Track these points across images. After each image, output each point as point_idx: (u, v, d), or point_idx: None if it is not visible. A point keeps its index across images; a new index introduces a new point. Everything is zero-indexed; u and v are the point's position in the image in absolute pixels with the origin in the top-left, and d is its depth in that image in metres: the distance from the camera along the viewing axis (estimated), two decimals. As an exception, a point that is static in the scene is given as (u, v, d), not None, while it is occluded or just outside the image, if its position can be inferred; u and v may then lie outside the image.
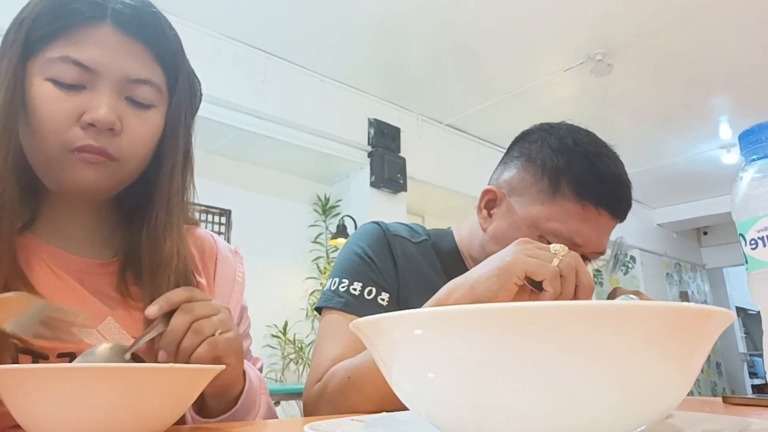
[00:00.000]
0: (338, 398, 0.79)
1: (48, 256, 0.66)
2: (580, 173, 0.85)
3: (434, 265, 0.97)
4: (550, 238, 0.85)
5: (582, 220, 0.85)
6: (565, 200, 0.85)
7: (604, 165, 0.87)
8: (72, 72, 0.61)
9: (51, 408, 0.42)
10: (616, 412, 0.29)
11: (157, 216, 0.69)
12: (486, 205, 0.94)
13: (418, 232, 1.00)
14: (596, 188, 0.85)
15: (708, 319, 0.30)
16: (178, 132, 0.70)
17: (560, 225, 0.85)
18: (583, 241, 0.85)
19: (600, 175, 0.86)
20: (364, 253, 0.92)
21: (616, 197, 0.87)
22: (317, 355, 0.87)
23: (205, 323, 0.60)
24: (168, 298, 0.60)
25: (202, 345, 0.59)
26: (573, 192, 0.85)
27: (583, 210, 0.84)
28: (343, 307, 0.88)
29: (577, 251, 0.86)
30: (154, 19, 0.66)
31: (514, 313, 0.27)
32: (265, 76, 3.38)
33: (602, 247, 0.88)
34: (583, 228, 0.85)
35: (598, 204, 0.85)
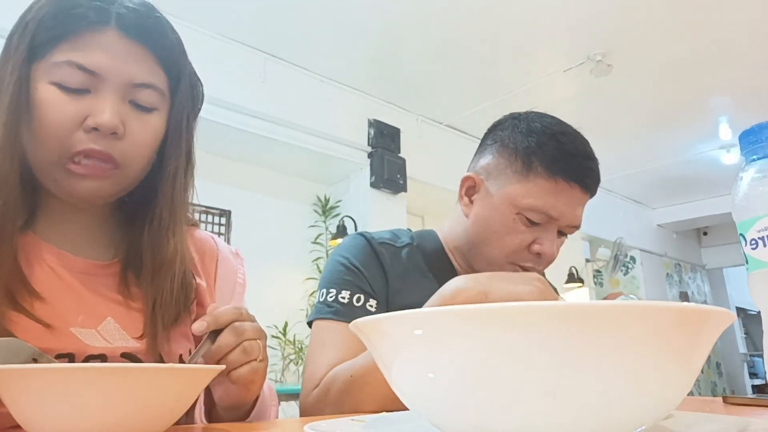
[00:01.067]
0: (342, 399, 0.79)
1: (49, 255, 0.66)
2: (550, 151, 0.91)
3: (420, 266, 0.99)
4: (528, 213, 0.90)
5: (555, 195, 0.90)
6: (538, 177, 0.91)
7: (571, 143, 0.93)
8: (76, 76, 0.61)
9: (51, 408, 0.42)
10: (616, 411, 0.29)
11: (161, 217, 0.70)
12: (466, 192, 0.99)
13: (401, 237, 1.03)
14: (566, 164, 0.91)
15: (708, 319, 0.30)
16: (181, 134, 0.71)
17: (535, 200, 0.90)
18: (558, 214, 0.90)
19: (568, 152, 0.92)
20: (349, 263, 0.95)
21: (584, 171, 0.92)
22: (312, 362, 0.88)
23: (255, 345, 0.61)
24: (216, 317, 0.61)
25: (244, 366, 0.60)
26: (545, 169, 0.91)
27: (555, 185, 0.90)
28: (333, 316, 0.89)
29: (553, 225, 0.91)
30: (157, 23, 0.67)
31: (514, 313, 0.27)
32: (264, 76, 3.38)
33: (577, 220, 0.94)
34: (556, 202, 0.90)
35: (569, 178, 0.90)
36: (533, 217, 0.90)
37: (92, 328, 0.64)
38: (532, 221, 0.91)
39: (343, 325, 0.88)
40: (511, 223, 0.92)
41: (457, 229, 1.02)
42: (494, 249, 0.93)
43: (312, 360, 0.88)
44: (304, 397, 0.87)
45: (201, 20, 3.04)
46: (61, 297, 0.64)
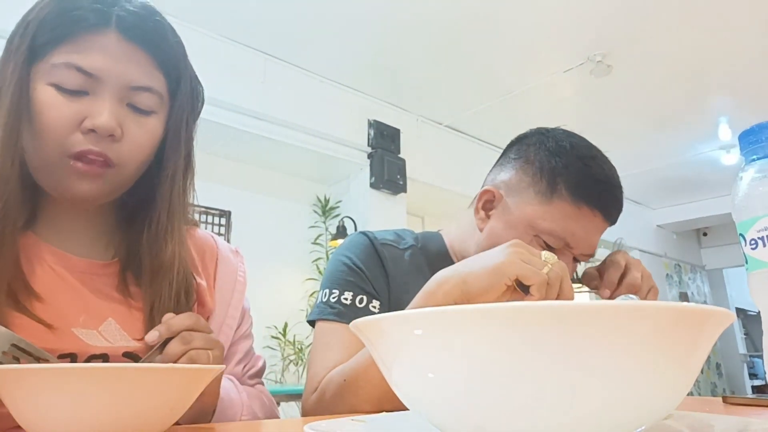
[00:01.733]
0: (336, 403, 0.79)
1: (49, 255, 0.67)
2: (577, 175, 0.88)
3: (423, 269, 0.98)
4: (545, 237, 0.88)
5: (576, 221, 0.88)
6: (561, 201, 0.88)
7: (599, 168, 0.90)
8: (75, 78, 0.61)
9: (51, 408, 0.42)
10: (616, 411, 0.29)
11: (159, 219, 0.70)
12: (484, 206, 0.96)
13: (404, 239, 1.01)
14: (592, 190, 0.88)
15: (708, 319, 0.30)
16: (180, 136, 0.71)
17: (555, 225, 0.88)
18: (576, 243, 0.89)
19: (595, 177, 0.89)
20: (352, 263, 0.93)
21: (609, 200, 0.90)
22: (313, 365, 0.88)
23: (202, 355, 0.59)
24: (169, 325, 0.59)
25: None
26: (569, 193, 0.88)
27: (578, 211, 0.88)
28: (335, 317, 0.89)
29: (568, 252, 0.89)
30: (157, 26, 0.67)
31: (514, 313, 0.27)
32: (264, 77, 3.38)
33: (592, 249, 0.92)
34: (576, 229, 0.88)
35: (593, 206, 0.88)
36: (550, 242, 0.88)
37: (93, 329, 0.65)
38: (548, 245, 0.88)
39: (345, 327, 0.87)
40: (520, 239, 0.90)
41: (468, 239, 0.99)
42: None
43: (313, 362, 0.88)
44: (304, 400, 0.87)
45: (201, 20, 3.05)
46: (63, 297, 0.65)
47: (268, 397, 0.84)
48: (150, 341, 0.58)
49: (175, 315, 0.61)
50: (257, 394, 0.81)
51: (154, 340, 0.58)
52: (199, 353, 0.59)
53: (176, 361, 0.58)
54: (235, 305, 0.81)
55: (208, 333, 0.62)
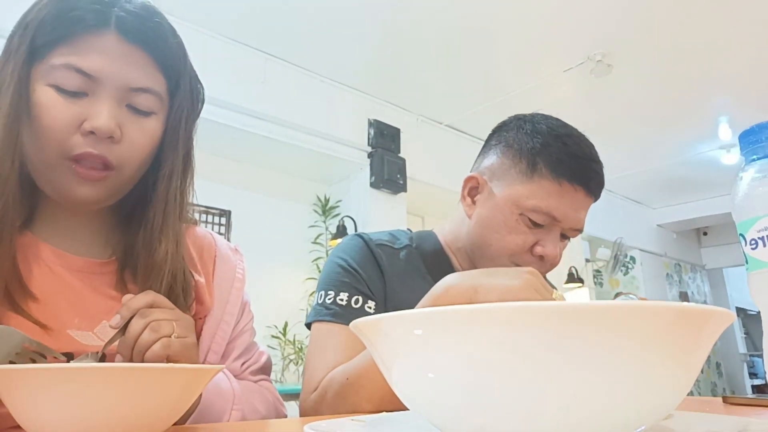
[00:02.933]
0: (338, 402, 0.79)
1: (47, 255, 0.67)
2: (555, 153, 0.91)
3: (419, 268, 0.99)
4: (530, 215, 0.90)
5: (559, 197, 0.90)
6: (542, 179, 0.90)
7: (576, 145, 0.93)
8: (74, 79, 0.61)
9: (51, 408, 0.42)
10: (616, 411, 0.29)
11: (154, 218, 0.69)
12: (469, 192, 0.99)
13: (399, 239, 1.02)
14: (571, 166, 0.90)
15: (708, 319, 0.30)
16: (179, 136, 0.70)
17: (539, 201, 0.90)
18: (561, 216, 0.90)
19: (573, 154, 0.91)
20: (347, 264, 0.94)
21: (589, 174, 0.92)
22: (311, 366, 0.88)
23: (163, 324, 0.58)
24: (128, 305, 0.59)
25: (156, 343, 0.57)
26: (550, 170, 0.90)
27: (559, 187, 0.90)
28: (332, 318, 0.89)
29: (556, 228, 0.91)
30: (157, 27, 0.66)
31: (514, 313, 0.27)
32: (264, 76, 3.38)
33: (580, 223, 0.93)
34: (560, 204, 0.90)
35: (573, 180, 0.90)
36: (536, 218, 0.90)
37: (89, 331, 0.65)
38: (534, 223, 0.90)
39: (341, 327, 0.88)
40: (514, 224, 0.91)
41: (459, 230, 1.01)
42: (496, 250, 0.93)
43: (311, 363, 0.88)
44: (303, 400, 0.87)
45: (201, 20, 3.04)
46: (59, 298, 0.65)
47: (272, 393, 0.83)
48: (113, 325, 0.58)
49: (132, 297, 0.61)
50: (258, 388, 0.81)
51: (118, 323, 0.58)
52: (160, 322, 0.58)
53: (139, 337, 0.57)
54: (233, 302, 0.81)
55: (170, 308, 0.61)
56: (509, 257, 0.92)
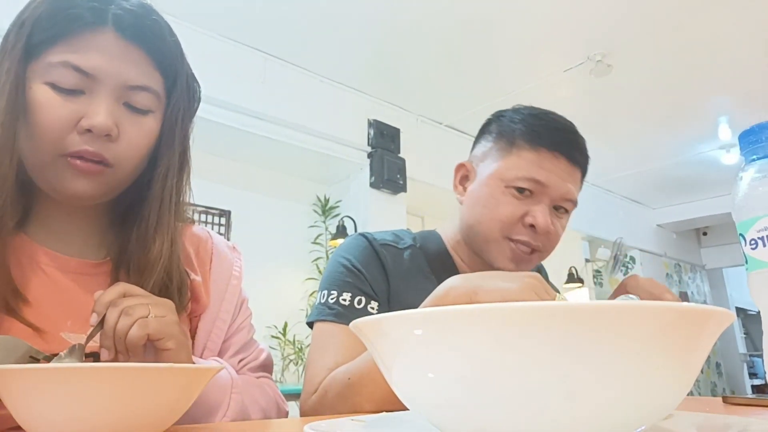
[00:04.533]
0: (339, 402, 0.79)
1: (41, 256, 0.66)
2: (532, 126, 0.94)
3: (423, 268, 0.99)
4: (515, 183, 0.92)
5: (539, 164, 0.92)
6: (521, 150, 0.93)
7: (553, 120, 0.96)
8: (71, 77, 0.61)
9: (51, 408, 0.42)
10: (616, 411, 0.29)
11: (149, 217, 0.69)
12: (460, 181, 1.02)
13: (403, 239, 1.02)
14: (549, 136, 0.93)
15: (708, 319, 0.30)
16: (175, 134, 0.70)
17: (520, 171, 0.92)
18: (545, 180, 0.91)
19: (550, 125, 0.95)
20: (351, 264, 0.94)
21: (568, 141, 0.94)
22: (313, 365, 0.88)
23: (137, 307, 0.58)
24: (100, 301, 0.58)
25: (132, 328, 0.56)
26: (527, 141, 0.93)
27: (539, 155, 0.92)
28: (334, 318, 0.89)
29: (544, 196, 0.91)
30: (154, 25, 0.66)
31: (514, 313, 0.27)
32: (264, 76, 3.38)
33: (570, 193, 0.94)
34: (541, 171, 0.91)
35: (552, 148, 0.92)
36: (521, 185, 0.91)
37: (81, 333, 0.64)
38: (521, 190, 0.91)
39: (343, 328, 0.87)
40: (501, 196, 0.92)
41: (455, 222, 1.02)
42: (487, 225, 0.94)
43: (312, 363, 0.88)
44: (303, 400, 0.87)
45: (201, 20, 3.04)
46: (52, 300, 0.64)
47: (273, 389, 0.83)
48: (92, 323, 0.58)
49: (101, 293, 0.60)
50: (258, 382, 0.80)
51: (94, 320, 0.58)
52: (134, 307, 0.57)
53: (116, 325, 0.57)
54: (229, 299, 0.81)
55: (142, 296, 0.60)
56: (500, 231, 0.93)
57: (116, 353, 0.58)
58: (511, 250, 0.93)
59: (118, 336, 0.57)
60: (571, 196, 0.94)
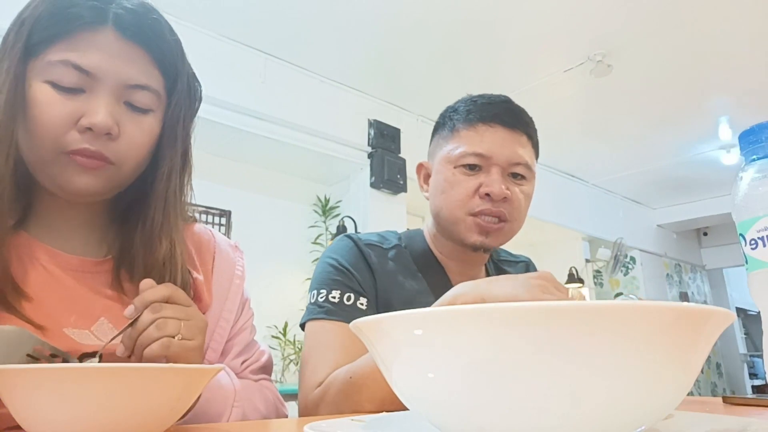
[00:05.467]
0: (340, 400, 0.79)
1: (42, 254, 0.66)
2: (465, 108, 1.01)
3: (409, 267, 1.01)
4: (461, 161, 0.96)
5: (479, 137, 0.97)
6: (460, 131, 0.99)
7: (485, 97, 1.02)
8: (72, 76, 0.61)
9: (51, 408, 0.42)
10: (616, 411, 0.29)
11: (154, 217, 0.69)
12: (424, 180, 1.08)
13: (388, 239, 1.05)
14: (481, 110, 0.99)
15: (708, 319, 0.30)
16: (177, 134, 0.70)
17: (463, 149, 0.97)
18: (488, 151, 0.96)
19: (481, 101, 1.01)
20: (338, 263, 0.96)
21: (501, 111, 0.99)
22: (310, 363, 0.88)
23: (170, 322, 0.58)
24: (143, 297, 0.58)
25: (155, 343, 0.57)
26: (463, 122, 0.99)
27: (475, 130, 0.97)
28: (325, 315, 0.90)
29: (493, 167, 0.95)
30: (154, 24, 0.66)
31: (514, 313, 0.27)
32: (264, 77, 3.38)
33: (516, 156, 0.97)
34: (482, 142, 0.96)
35: (487, 120, 0.97)
36: (468, 161, 0.95)
37: (86, 329, 0.64)
38: (470, 167, 0.96)
39: (335, 324, 0.89)
40: (453, 178, 0.96)
41: (428, 218, 1.07)
42: (448, 208, 0.97)
43: (310, 362, 0.88)
44: (303, 397, 0.87)
45: (201, 20, 3.04)
46: (54, 297, 0.64)
47: (273, 392, 0.83)
48: (127, 315, 0.58)
49: (154, 285, 0.60)
50: (258, 387, 0.80)
51: (132, 314, 0.58)
52: (167, 321, 0.57)
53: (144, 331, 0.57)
54: (232, 299, 0.81)
55: (185, 305, 0.60)
56: (462, 209, 0.96)
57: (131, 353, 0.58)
58: (476, 224, 0.96)
59: (140, 343, 0.57)
60: (519, 160, 0.97)
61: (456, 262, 1.04)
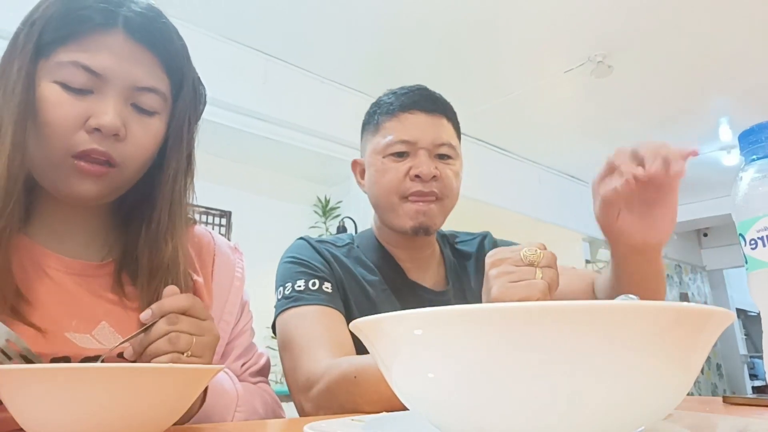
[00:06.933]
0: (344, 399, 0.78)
1: (43, 258, 0.66)
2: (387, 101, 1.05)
3: (364, 263, 1.04)
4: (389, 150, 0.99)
5: (401, 125, 1.01)
6: (384, 123, 1.03)
7: (402, 88, 1.07)
8: (81, 77, 0.62)
9: (51, 408, 0.42)
10: (616, 412, 0.29)
11: (159, 220, 0.70)
12: (360, 176, 1.11)
13: (342, 239, 1.10)
14: (400, 100, 1.03)
15: (708, 319, 0.30)
16: (182, 138, 0.71)
17: (388, 138, 1.00)
18: (411, 137, 0.99)
19: (400, 92, 1.05)
20: (296, 259, 1.00)
21: (418, 98, 1.03)
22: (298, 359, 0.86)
23: (183, 338, 0.57)
24: (162, 305, 0.58)
25: (164, 356, 0.56)
26: (385, 114, 1.03)
27: (397, 119, 1.02)
28: (294, 303, 0.92)
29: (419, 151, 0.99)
30: (163, 28, 0.67)
31: (513, 313, 0.27)
32: (265, 77, 3.38)
33: (439, 138, 1.01)
34: (405, 129, 1.00)
35: (406, 108, 1.02)
36: (395, 149, 0.99)
37: (87, 333, 0.64)
38: (398, 155, 0.99)
39: (307, 309, 0.91)
40: (383, 167, 1.00)
41: (373, 213, 1.10)
42: (383, 195, 1.01)
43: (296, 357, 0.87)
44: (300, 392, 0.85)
45: (201, 21, 3.04)
46: (55, 301, 0.64)
47: (271, 395, 0.83)
48: (143, 319, 0.58)
49: (176, 291, 0.60)
50: (258, 391, 0.81)
51: (147, 319, 0.57)
52: (180, 336, 0.57)
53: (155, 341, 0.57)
54: (233, 301, 0.81)
55: (202, 318, 0.60)
56: (395, 194, 0.99)
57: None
58: (410, 208, 0.99)
59: (149, 353, 0.57)
60: (443, 141, 1.01)
61: (403, 250, 1.06)
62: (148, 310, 0.58)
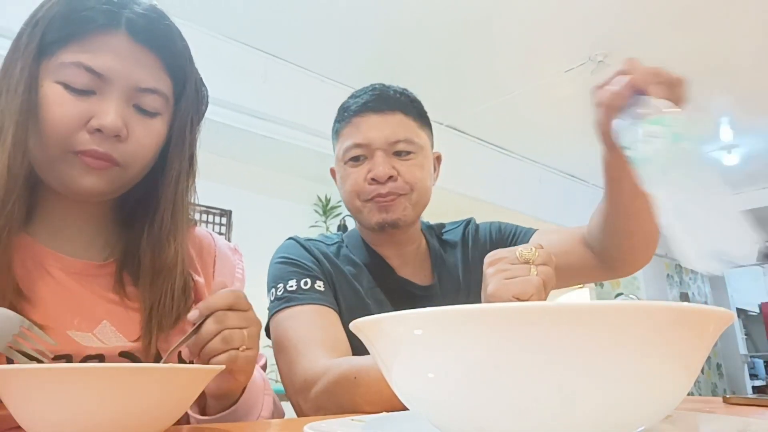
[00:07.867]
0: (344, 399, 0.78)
1: (44, 257, 0.66)
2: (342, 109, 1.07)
3: (353, 261, 1.05)
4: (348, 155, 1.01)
5: (356, 129, 1.02)
6: (341, 131, 1.04)
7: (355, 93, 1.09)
8: (83, 77, 0.62)
9: (51, 408, 0.42)
10: (616, 412, 0.29)
11: (162, 220, 0.70)
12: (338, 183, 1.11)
13: (331, 238, 1.11)
14: (351, 105, 1.05)
15: (708, 319, 0.30)
16: (185, 139, 0.71)
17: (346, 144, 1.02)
18: (367, 139, 1.00)
19: (351, 98, 1.08)
20: (286, 259, 1.00)
21: (367, 98, 1.05)
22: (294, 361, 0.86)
23: (236, 334, 0.60)
24: (208, 303, 0.61)
25: (222, 354, 0.59)
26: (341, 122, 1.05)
27: (352, 125, 1.03)
28: (286, 304, 0.92)
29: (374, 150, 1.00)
30: (166, 30, 0.68)
31: (513, 313, 0.27)
32: (265, 76, 3.38)
33: (393, 135, 1.01)
34: (359, 132, 1.01)
35: (358, 113, 1.03)
36: (352, 153, 1.01)
37: (88, 332, 0.64)
38: (355, 159, 1.01)
39: (300, 309, 0.90)
40: (344, 172, 1.02)
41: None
42: (349, 200, 1.03)
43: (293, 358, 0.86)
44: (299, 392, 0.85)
45: (202, 20, 3.04)
46: (57, 300, 0.64)
47: (272, 394, 0.83)
48: (190, 319, 0.60)
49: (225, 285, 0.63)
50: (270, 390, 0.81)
51: (195, 319, 0.60)
52: (233, 333, 0.60)
53: (210, 341, 0.59)
54: None
55: (245, 310, 0.63)
56: (358, 198, 1.01)
57: None
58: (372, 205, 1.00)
59: (206, 353, 0.60)
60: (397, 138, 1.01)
61: (387, 247, 1.07)
62: (195, 310, 0.60)
